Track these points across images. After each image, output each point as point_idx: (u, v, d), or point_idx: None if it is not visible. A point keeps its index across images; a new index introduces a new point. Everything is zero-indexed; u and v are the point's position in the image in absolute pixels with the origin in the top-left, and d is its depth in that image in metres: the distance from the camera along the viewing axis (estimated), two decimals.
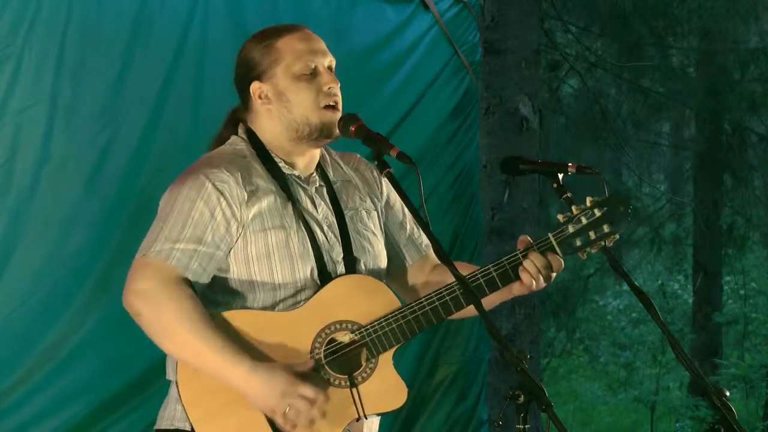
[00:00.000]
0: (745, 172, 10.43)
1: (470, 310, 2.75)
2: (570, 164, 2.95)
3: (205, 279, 2.77)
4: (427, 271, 3.06)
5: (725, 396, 2.65)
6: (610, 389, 13.19)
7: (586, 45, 9.37)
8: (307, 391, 2.70)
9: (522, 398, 2.49)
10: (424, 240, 3.07)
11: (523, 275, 2.84)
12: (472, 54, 5.75)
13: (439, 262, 3.02)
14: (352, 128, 2.84)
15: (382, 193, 3.05)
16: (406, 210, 3.06)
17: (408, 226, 3.07)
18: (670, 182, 14.29)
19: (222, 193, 2.77)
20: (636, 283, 2.84)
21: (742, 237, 11.21)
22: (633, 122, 10.45)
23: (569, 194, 2.91)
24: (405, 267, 3.06)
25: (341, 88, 2.91)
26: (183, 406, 2.73)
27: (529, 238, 2.88)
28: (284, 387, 2.68)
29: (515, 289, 2.89)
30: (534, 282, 2.84)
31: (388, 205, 3.06)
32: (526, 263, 2.84)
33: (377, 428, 2.91)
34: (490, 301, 2.88)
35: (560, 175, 2.94)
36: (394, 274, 3.03)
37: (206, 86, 4.40)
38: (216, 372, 2.69)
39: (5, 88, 3.92)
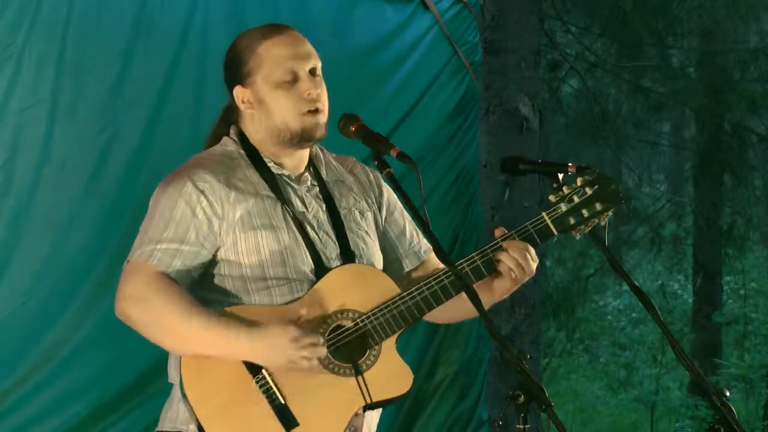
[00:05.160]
0: (745, 172, 10.41)
1: (471, 311, 2.74)
2: (570, 164, 2.95)
3: (191, 277, 2.78)
4: (425, 272, 3.03)
5: (725, 396, 2.65)
6: (610, 389, 13.17)
7: (586, 45, 9.36)
8: (307, 339, 2.69)
9: (522, 398, 2.49)
10: (424, 245, 3.07)
11: (503, 265, 2.84)
12: (472, 54, 5.75)
13: (438, 264, 3.02)
14: (352, 128, 2.85)
15: (380, 196, 3.04)
16: (405, 214, 3.06)
17: (408, 232, 3.07)
18: (670, 182, 14.29)
19: (203, 192, 2.77)
20: (636, 283, 2.84)
21: (742, 237, 11.19)
22: (633, 122, 10.43)
23: None
24: (403, 273, 3.04)
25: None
26: (190, 406, 2.72)
27: (504, 230, 2.88)
28: (292, 335, 2.67)
29: (496, 288, 2.88)
30: (514, 271, 2.83)
31: (388, 210, 3.05)
32: (502, 255, 2.83)
33: (376, 425, 2.91)
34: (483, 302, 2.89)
35: (560, 175, 2.94)
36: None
37: (206, 86, 4.40)
38: (216, 350, 2.70)
39: (5, 88, 3.92)
